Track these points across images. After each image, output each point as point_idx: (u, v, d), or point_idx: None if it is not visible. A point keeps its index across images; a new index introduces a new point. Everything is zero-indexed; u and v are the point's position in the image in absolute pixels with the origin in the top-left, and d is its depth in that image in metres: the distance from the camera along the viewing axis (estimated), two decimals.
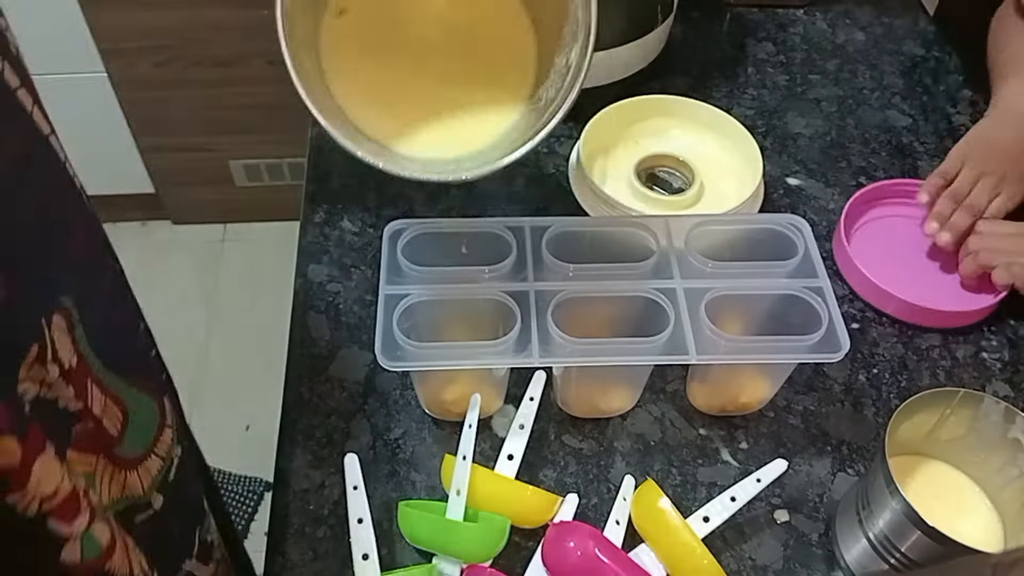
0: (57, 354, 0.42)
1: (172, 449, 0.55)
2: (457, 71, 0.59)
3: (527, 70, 0.59)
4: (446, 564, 0.59)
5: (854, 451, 0.68)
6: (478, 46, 0.59)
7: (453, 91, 0.59)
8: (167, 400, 0.56)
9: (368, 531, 0.58)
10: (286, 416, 0.69)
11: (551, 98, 0.57)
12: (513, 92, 0.59)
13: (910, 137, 0.92)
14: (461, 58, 0.59)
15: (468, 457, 0.59)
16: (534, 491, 0.61)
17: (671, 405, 0.70)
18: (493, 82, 0.59)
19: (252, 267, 1.81)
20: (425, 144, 0.59)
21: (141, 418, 0.52)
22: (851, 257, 0.75)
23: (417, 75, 0.59)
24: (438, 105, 0.59)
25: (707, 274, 0.64)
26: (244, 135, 1.67)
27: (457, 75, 0.59)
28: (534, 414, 0.64)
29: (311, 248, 0.80)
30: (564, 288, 0.62)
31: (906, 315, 0.74)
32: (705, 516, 0.59)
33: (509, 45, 0.59)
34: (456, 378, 0.65)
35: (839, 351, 0.60)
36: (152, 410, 0.53)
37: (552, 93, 0.57)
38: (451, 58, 0.59)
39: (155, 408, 0.54)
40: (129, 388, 0.50)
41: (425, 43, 0.59)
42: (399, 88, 0.59)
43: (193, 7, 1.43)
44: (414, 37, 0.59)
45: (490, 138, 0.59)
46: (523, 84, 0.59)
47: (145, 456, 0.53)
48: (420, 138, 0.59)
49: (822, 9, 1.06)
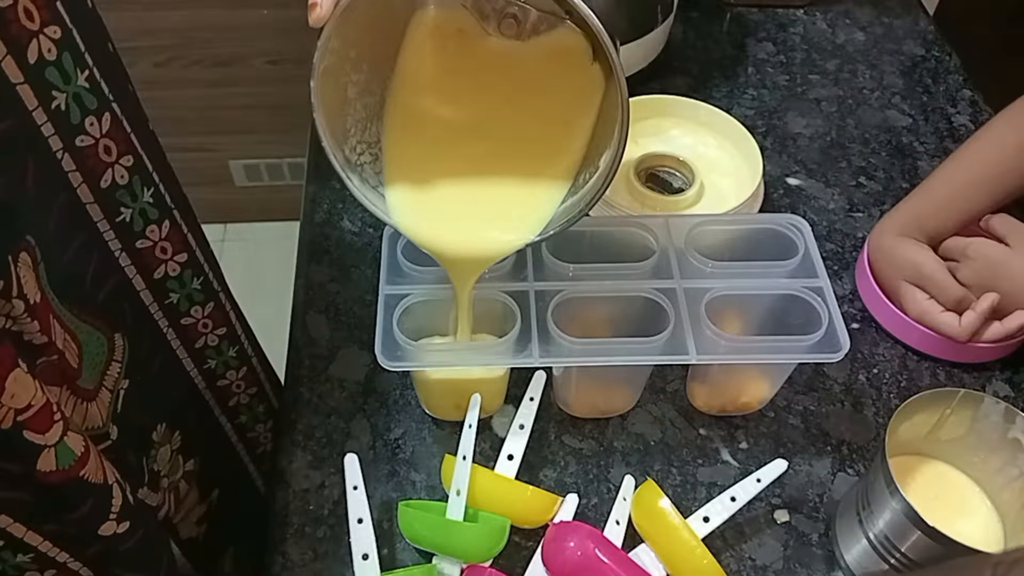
0: (23, 290, 0.43)
1: (119, 383, 0.57)
2: (497, 158, 0.59)
3: (568, 165, 0.59)
4: (446, 564, 0.59)
5: (854, 451, 0.68)
6: (521, 144, 0.59)
7: (491, 176, 0.59)
8: (120, 337, 0.57)
9: (368, 531, 0.58)
10: (286, 416, 0.69)
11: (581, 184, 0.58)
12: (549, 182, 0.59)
13: (910, 137, 0.92)
14: (502, 151, 0.59)
15: (468, 457, 0.59)
16: (534, 491, 0.61)
17: (671, 405, 0.70)
18: (533, 172, 0.59)
19: (252, 267, 1.80)
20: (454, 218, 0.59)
21: (91, 353, 0.54)
22: (874, 286, 0.74)
23: (456, 156, 0.59)
24: (474, 187, 0.59)
25: (707, 274, 0.64)
26: (244, 135, 1.67)
27: (497, 162, 0.59)
28: (534, 414, 0.64)
29: (311, 248, 0.80)
30: (564, 288, 0.62)
31: (929, 348, 0.73)
32: (705, 516, 0.59)
33: (551, 143, 0.59)
34: (456, 378, 0.64)
35: (839, 351, 0.60)
36: (101, 346, 0.54)
37: (584, 180, 0.58)
38: (492, 149, 0.59)
39: (105, 344, 0.55)
40: (81, 324, 0.52)
41: (469, 128, 0.60)
42: (437, 163, 0.59)
43: (193, 7, 1.43)
44: (459, 119, 0.60)
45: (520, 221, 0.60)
46: (561, 173, 0.59)
47: (99, 389, 0.55)
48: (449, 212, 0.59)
49: (822, 9, 1.06)
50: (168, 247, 0.62)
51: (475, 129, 0.58)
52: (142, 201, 0.57)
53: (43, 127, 0.48)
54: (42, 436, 0.44)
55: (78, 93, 0.50)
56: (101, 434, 0.55)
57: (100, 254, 0.56)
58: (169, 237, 0.61)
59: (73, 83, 0.49)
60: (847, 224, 0.83)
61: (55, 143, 0.49)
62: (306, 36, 0.50)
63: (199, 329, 0.69)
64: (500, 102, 0.58)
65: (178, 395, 0.70)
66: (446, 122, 0.58)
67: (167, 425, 0.66)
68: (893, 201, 0.80)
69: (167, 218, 0.61)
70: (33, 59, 0.46)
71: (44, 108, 0.47)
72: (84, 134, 0.51)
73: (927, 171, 0.85)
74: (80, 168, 0.51)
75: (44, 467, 0.45)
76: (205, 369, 0.72)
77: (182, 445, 0.68)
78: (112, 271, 0.57)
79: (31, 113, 0.46)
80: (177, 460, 0.68)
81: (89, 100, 0.51)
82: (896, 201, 0.77)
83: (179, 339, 0.67)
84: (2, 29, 0.43)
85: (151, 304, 0.63)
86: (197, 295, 0.67)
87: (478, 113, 0.58)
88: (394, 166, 0.58)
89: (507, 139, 0.58)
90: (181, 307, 0.66)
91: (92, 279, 0.54)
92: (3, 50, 0.43)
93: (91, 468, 0.48)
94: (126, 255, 0.58)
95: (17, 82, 0.45)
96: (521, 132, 0.58)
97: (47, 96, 0.47)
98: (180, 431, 0.68)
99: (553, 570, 0.58)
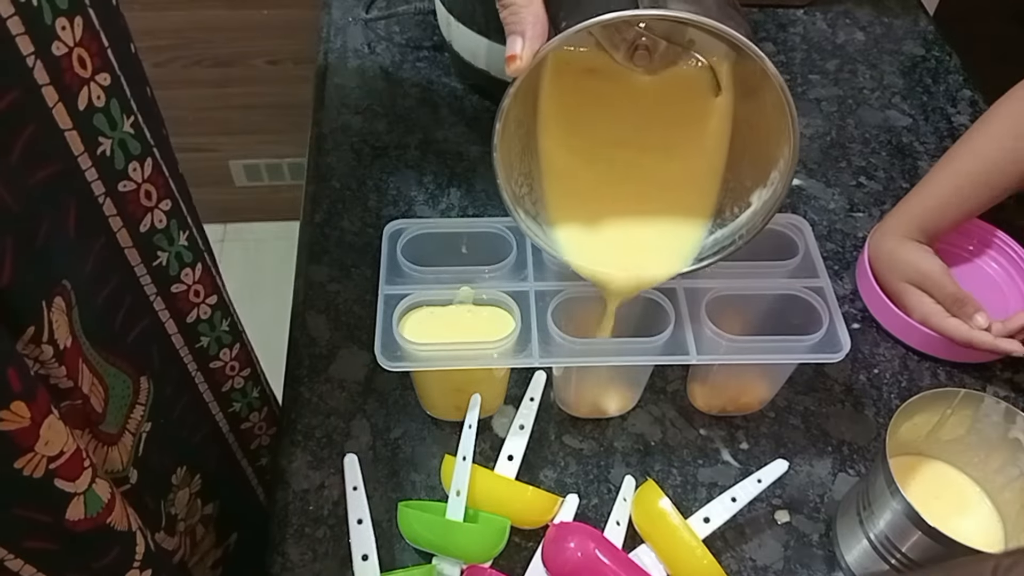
0: (53, 335, 0.43)
1: (141, 426, 0.56)
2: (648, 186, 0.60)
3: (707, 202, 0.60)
4: (446, 564, 0.59)
5: (854, 451, 0.68)
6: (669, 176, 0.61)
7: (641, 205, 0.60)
8: (145, 380, 0.56)
9: (368, 532, 0.58)
10: (286, 416, 0.69)
11: (733, 216, 0.59)
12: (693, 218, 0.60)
13: (910, 137, 0.92)
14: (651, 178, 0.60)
15: (468, 458, 0.59)
16: (534, 491, 0.61)
17: (671, 405, 0.70)
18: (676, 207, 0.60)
19: (252, 267, 1.80)
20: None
21: (117, 396, 0.53)
22: (875, 287, 0.74)
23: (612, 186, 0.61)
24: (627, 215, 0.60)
25: (707, 274, 0.64)
26: (244, 135, 1.67)
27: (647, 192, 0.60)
28: (534, 414, 0.64)
29: (311, 248, 0.80)
30: (564, 288, 0.62)
31: (932, 349, 0.73)
32: (706, 517, 0.59)
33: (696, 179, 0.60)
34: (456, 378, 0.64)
35: (840, 351, 0.59)
36: (127, 388, 0.54)
37: (733, 213, 0.59)
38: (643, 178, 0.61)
39: (130, 387, 0.55)
40: (109, 367, 0.51)
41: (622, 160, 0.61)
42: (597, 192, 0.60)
43: (193, 7, 1.43)
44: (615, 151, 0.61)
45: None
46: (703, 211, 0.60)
47: (121, 432, 0.54)
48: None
49: (822, 9, 1.06)
50: (201, 290, 0.61)
51: (619, 169, 0.60)
52: (178, 244, 0.57)
53: (87, 172, 0.48)
54: (72, 484, 0.44)
55: (123, 139, 0.50)
56: (120, 478, 0.54)
57: (133, 297, 0.55)
58: (202, 280, 0.61)
59: (119, 129, 0.49)
60: (847, 224, 0.83)
61: (97, 188, 0.49)
62: (306, 36, 0.50)
63: (227, 372, 0.68)
64: (637, 139, 0.59)
65: (200, 438, 0.69)
66: (591, 163, 0.59)
67: (187, 468, 0.65)
68: (893, 201, 0.80)
69: (199, 261, 0.61)
70: (83, 106, 0.46)
71: (89, 154, 0.47)
72: (127, 179, 0.51)
73: (927, 171, 0.84)
74: (121, 212, 0.51)
75: (73, 516, 0.45)
76: (230, 412, 0.72)
77: (202, 488, 0.68)
78: (144, 314, 0.57)
79: (76, 158, 0.46)
80: (195, 503, 0.67)
81: (133, 146, 0.51)
82: (896, 201, 0.77)
83: (207, 382, 0.67)
84: (56, 77, 0.43)
85: (181, 348, 0.63)
86: (225, 337, 0.66)
87: (619, 153, 0.60)
88: (552, 206, 0.59)
89: (650, 175, 0.60)
90: (211, 350, 0.65)
91: (122, 321, 0.54)
92: (55, 97, 0.43)
93: (117, 515, 0.48)
94: (160, 299, 0.58)
95: (66, 128, 0.45)
96: (662, 168, 0.60)
97: (93, 142, 0.47)
98: (200, 474, 0.67)
99: (553, 570, 0.58)
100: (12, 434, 0.40)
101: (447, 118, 0.92)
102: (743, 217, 0.58)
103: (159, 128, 0.58)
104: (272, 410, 0.79)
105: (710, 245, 0.59)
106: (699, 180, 0.60)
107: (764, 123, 0.54)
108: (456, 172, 0.86)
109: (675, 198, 0.60)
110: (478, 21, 0.83)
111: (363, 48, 0.99)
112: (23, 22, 0.40)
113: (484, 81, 0.87)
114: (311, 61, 1.01)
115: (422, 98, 0.94)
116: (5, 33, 0.39)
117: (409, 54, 0.98)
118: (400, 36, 1.01)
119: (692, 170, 0.59)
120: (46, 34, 0.42)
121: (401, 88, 0.95)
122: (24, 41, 0.41)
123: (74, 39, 0.44)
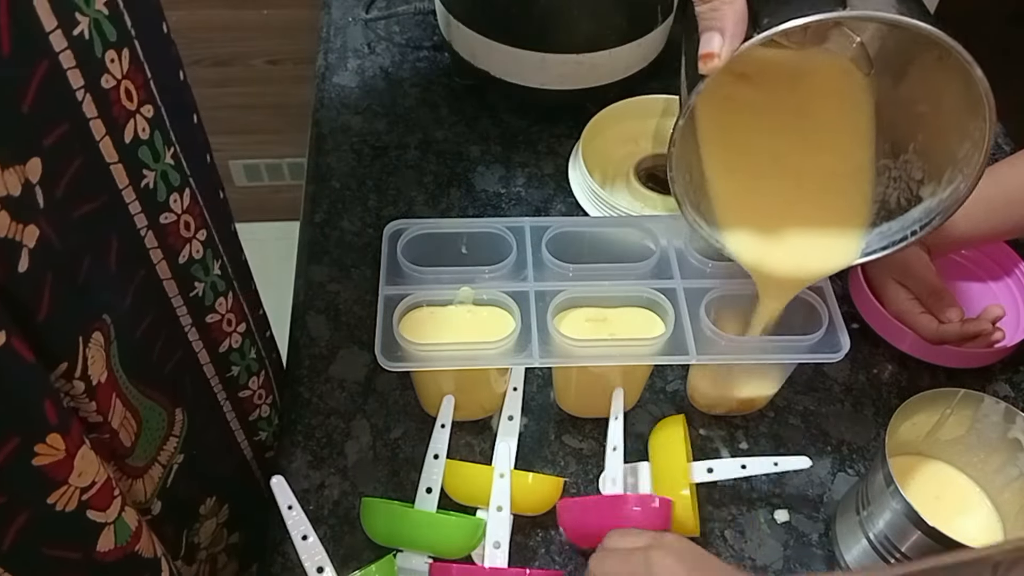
0: (87, 371, 0.43)
1: (173, 457, 0.56)
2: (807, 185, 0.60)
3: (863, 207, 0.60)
4: (412, 558, 0.59)
5: (854, 451, 0.68)
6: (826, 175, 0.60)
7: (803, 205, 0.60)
8: (180, 412, 0.56)
9: (317, 546, 0.56)
10: (286, 416, 0.69)
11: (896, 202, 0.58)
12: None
13: None
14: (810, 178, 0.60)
15: (441, 456, 0.60)
16: (535, 477, 0.62)
17: (671, 405, 0.70)
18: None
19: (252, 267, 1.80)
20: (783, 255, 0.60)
21: (150, 429, 0.52)
22: (868, 294, 0.74)
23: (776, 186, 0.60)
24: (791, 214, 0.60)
25: (707, 274, 0.64)
26: (244, 135, 1.66)
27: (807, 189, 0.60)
28: (520, 404, 0.64)
29: (311, 248, 0.80)
30: (564, 288, 0.62)
31: (921, 353, 0.72)
32: (710, 467, 0.61)
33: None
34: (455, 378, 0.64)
35: (839, 351, 0.60)
36: (162, 421, 0.54)
37: (900, 205, 0.58)
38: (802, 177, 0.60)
39: (165, 419, 0.54)
40: (145, 400, 0.51)
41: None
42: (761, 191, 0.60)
43: (193, 7, 1.43)
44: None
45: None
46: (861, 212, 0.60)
47: (150, 465, 0.53)
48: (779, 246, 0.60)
49: None
50: (232, 319, 0.61)
51: (777, 166, 0.59)
52: (212, 274, 0.57)
53: (131, 205, 0.47)
54: (103, 513, 0.43)
55: (165, 171, 0.49)
56: (141, 510, 0.54)
57: (169, 329, 0.55)
58: (233, 309, 0.61)
59: (162, 161, 0.49)
60: None
61: (140, 220, 0.48)
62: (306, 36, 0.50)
63: (254, 401, 0.68)
64: (792, 140, 0.59)
65: (229, 468, 0.69)
66: (751, 177, 0.59)
67: (216, 498, 0.65)
68: None
69: (231, 290, 0.61)
70: (129, 139, 0.45)
71: (134, 187, 0.47)
72: (168, 211, 0.51)
73: None
74: (161, 245, 0.51)
75: (103, 547, 0.44)
76: (255, 441, 0.71)
77: (229, 518, 0.67)
78: (179, 345, 0.57)
79: (120, 192, 0.46)
80: (221, 533, 0.67)
81: (174, 177, 0.51)
82: None
83: (235, 411, 0.67)
84: (105, 111, 0.43)
85: (212, 377, 0.62)
86: (254, 365, 0.66)
87: (776, 151, 0.59)
88: (721, 206, 0.59)
89: (807, 171, 0.59)
90: (240, 380, 0.65)
91: (159, 354, 0.53)
92: (103, 131, 0.43)
93: (144, 543, 0.48)
94: (195, 330, 0.58)
95: (112, 162, 0.45)
96: (817, 162, 0.59)
97: (138, 175, 0.47)
98: (228, 504, 0.67)
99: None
100: (46, 468, 0.39)
101: (447, 118, 0.92)
102: (916, 212, 0.56)
103: (203, 155, 0.57)
104: None
105: (876, 238, 0.58)
106: (856, 171, 0.59)
107: (938, 115, 0.53)
108: (456, 172, 0.86)
109: (834, 193, 0.59)
110: (478, 21, 0.83)
111: (363, 48, 0.99)
112: (75, 55, 0.40)
113: (484, 81, 0.87)
114: (311, 61, 1.01)
115: (422, 98, 0.94)
116: (57, 68, 0.39)
117: (409, 54, 0.99)
118: (400, 36, 1.01)
119: (848, 162, 0.59)
120: (96, 67, 0.42)
121: (401, 88, 0.95)
122: (75, 75, 0.40)
123: (122, 71, 0.44)
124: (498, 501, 0.59)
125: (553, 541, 0.63)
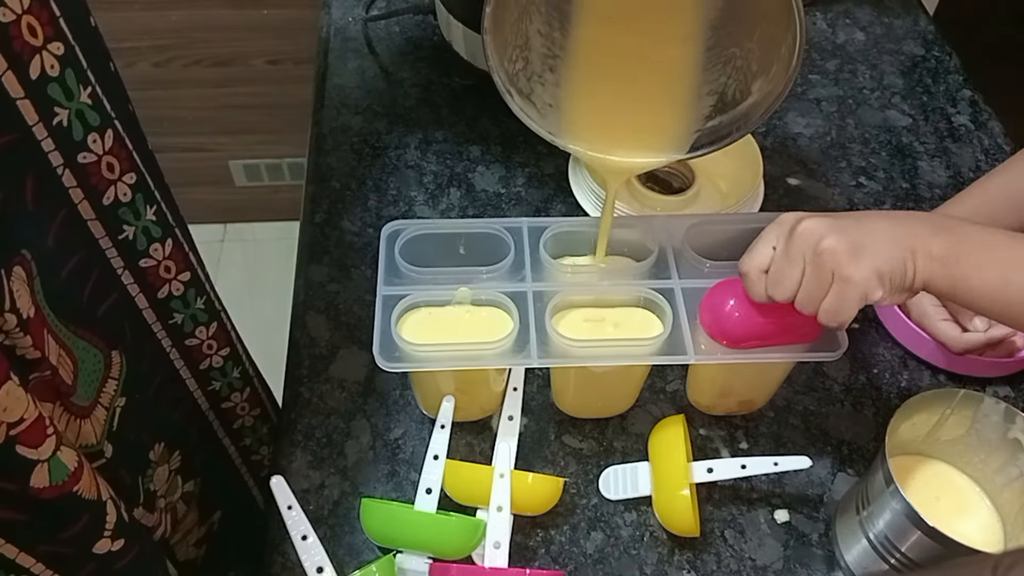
0: (16, 304, 0.43)
1: (115, 400, 0.56)
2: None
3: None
4: (411, 559, 0.59)
5: (854, 451, 0.68)
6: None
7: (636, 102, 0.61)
8: (117, 354, 0.56)
9: (317, 546, 0.57)
10: (286, 416, 0.69)
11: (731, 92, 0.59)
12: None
13: (910, 137, 0.92)
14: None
15: (441, 457, 0.60)
16: (535, 477, 0.61)
17: (671, 405, 0.70)
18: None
19: (252, 267, 1.80)
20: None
21: (87, 369, 0.53)
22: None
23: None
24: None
25: (705, 274, 0.64)
26: (244, 135, 1.67)
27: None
28: (520, 404, 0.64)
29: (311, 248, 0.80)
30: (562, 288, 0.62)
31: (942, 362, 0.72)
32: (710, 467, 0.61)
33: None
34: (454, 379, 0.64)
35: (838, 350, 0.59)
36: (98, 362, 0.54)
37: (734, 99, 0.59)
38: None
39: (101, 361, 0.54)
40: (78, 340, 0.51)
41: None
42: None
43: (193, 7, 1.43)
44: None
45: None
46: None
47: (94, 406, 0.54)
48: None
49: (822, 9, 1.06)
50: (172, 266, 0.61)
51: (632, 53, 0.59)
52: (145, 219, 0.57)
53: (43, 142, 0.47)
54: (35, 451, 0.44)
55: (81, 110, 0.50)
56: (95, 452, 0.54)
57: (100, 271, 0.55)
58: (172, 256, 0.61)
59: (76, 100, 0.49)
60: None
61: (55, 159, 0.49)
62: (306, 36, 0.50)
63: (204, 350, 0.68)
64: (649, 28, 0.59)
65: (179, 415, 0.69)
66: (612, 46, 0.59)
67: (165, 445, 0.65)
68: (893, 201, 0.80)
69: (170, 236, 0.61)
70: (35, 75, 0.45)
71: (45, 124, 0.47)
72: (87, 151, 0.51)
73: (927, 171, 0.85)
74: (82, 185, 0.51)
75: (37, 483, 0.45)
76: (209, 391, 0.72)
77: (181, 465, 0.68)
78: (112, 288, 0.57)
79: (31, 128, 0.46)
80: (175, 480, 0.67)
81: (92, 117, 0.51)
82: (896, 201, 0.77)
83: (183, 359, 0.67)
84: (4, 44, 0.43)
85: (154, 323, 0.63)
86: (201, 315, 0.66)
87: (615, 46, 0.59)
88: (565, 91, 0.60)
89: (652, 61, 0.59)
90: (185, 327, 0.65)
91: (91, 295, 0.54)
92: (4, 65, 0.43)
93: (85, 484, 0.48)
94: (128, 273, 0.58)
95: (18, 97, 0.45)
96: (662, 53, 0.59)
97: (49, 112, 0.47)
98: (180, 451, 0.67)
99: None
100: None
101: (447, 118, 0.92)
102: (743, 106, 0.57)
103: (124, 104, 0.57)
104: (256, 391, 0.79)
105: (708, 131, 0.59)
106: (686, 66, 0.59)
107: (774, 7, 0.53)
108: (456, 172, 0.86)
109: (670, 82, 0.59)
110: (478, 21, 0.83)
111: (363, 48, 0.99)
112: None
113: (484, 81, 0.87)
114: (311, 61, 1.01)
115: (422, 98, 0.94)
116: None
117: (409, 54, 0.98)
118: (400, 36, 1.01)
119: (682, 57, 0.59)
120: None
121: (401, 88, 0.95)
122: None
123: (22, 7, 0.44)
124: (498, 501, 0.59)
125: (553, 541, 0.63)
